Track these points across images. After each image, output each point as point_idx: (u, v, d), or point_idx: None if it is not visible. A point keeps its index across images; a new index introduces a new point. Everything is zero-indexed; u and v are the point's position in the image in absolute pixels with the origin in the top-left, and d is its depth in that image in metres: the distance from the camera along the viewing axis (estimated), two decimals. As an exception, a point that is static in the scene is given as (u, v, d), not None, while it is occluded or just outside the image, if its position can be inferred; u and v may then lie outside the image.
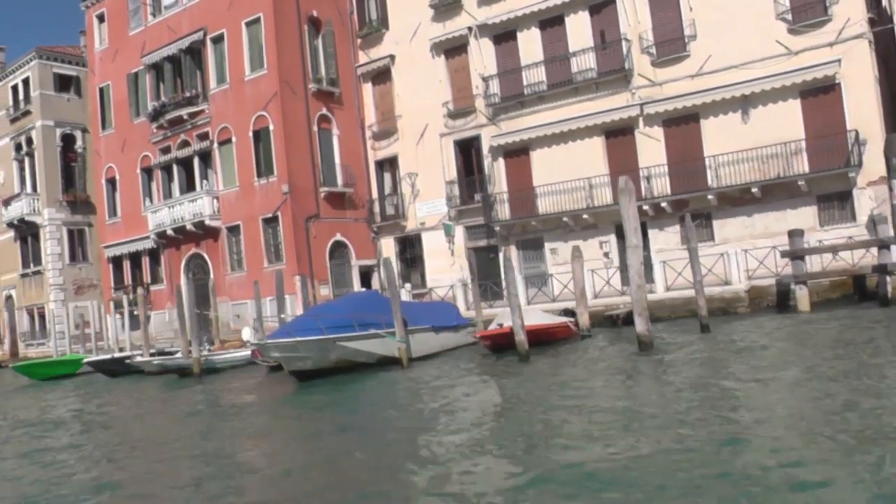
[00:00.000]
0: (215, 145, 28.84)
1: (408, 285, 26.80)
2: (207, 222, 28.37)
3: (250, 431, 11.47)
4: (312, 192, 27.36)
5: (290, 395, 15.19)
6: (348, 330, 15.95)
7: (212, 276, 28.73)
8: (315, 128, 27.86)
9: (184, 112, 29.36)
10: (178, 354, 23.73)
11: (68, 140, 36.56)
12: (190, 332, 22.58)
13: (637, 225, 15.22)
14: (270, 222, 27.25)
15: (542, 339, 17.47)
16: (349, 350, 15.86)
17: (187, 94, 29.34)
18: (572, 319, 19.55)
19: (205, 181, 29.10)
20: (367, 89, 29.93)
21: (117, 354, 25.54)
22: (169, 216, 29.60)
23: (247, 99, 27.73)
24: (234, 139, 28.21)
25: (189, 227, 28.83)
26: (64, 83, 36.76)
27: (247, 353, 22.16)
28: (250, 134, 27.62)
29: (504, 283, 16.55)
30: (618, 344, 17.16)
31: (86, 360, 25.37)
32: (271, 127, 26.97)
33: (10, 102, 37.50)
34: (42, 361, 27.17)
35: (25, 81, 36.67)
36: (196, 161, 29.53)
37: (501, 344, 16.94)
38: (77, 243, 36.57)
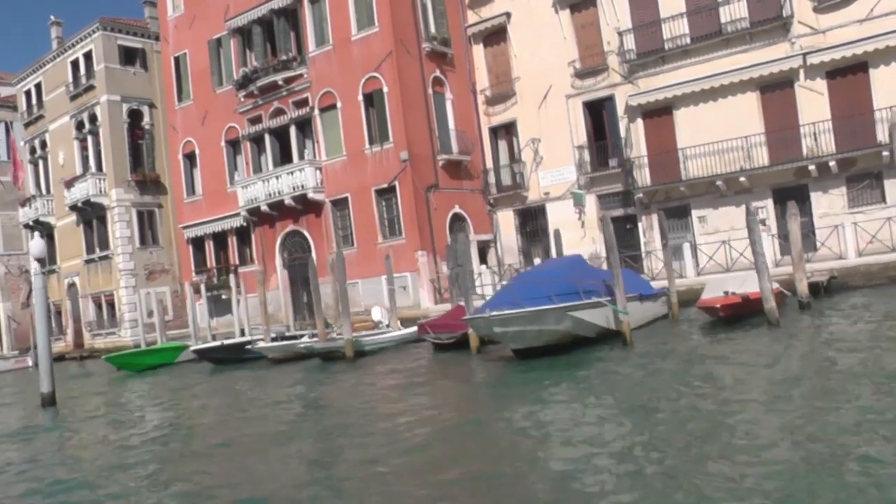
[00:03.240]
0: (316, 112, 26.54)
1: (536, 260, 24.63)
2: (310, 195, 26.09)
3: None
4: (430, 160, 25.14)
5: (516, 376, 12.95)
6: (572, 297, 13.72)
7: (314, 254, 26.53)
8: (430, 91, 25.64)
9: (278, 77, 27.07)
10: (305, 338, 21.67)
11: (135, 116, 34.24)
12: (315, 313, 20.48)
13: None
14: (385, 193, 25.04)
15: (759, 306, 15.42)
16: (578, 322, 13.63)
17: (282, 58, 27.03)
18: (777, 286, 17.61)
19: (305, 151, 26.84)
20: (478, 51, 27.65)
21: (227, 341, 23.25)
22: (263, 190, 27.34)
23: (354, 60, 25.47)
24: (339, 104, 25.94)
25: (287, 201, 26.56)
26: (129, 56, 34.36)
27: (398, 332, 20.15)
28: (360, 98, 25.36)
29: (750, 243, 14.40)
30: (855, 309, 15.09)
31: (193, 347, 23.16)
32: (385, 89, 24.70)
33: (70, 78, 35.16)
34: (139, 351, 24.93)
35: (87, 55, 34.28)
36: (293, 130, 27.27)
37: (738, 313, 14.89)
38: (147, 226, 34.27)
